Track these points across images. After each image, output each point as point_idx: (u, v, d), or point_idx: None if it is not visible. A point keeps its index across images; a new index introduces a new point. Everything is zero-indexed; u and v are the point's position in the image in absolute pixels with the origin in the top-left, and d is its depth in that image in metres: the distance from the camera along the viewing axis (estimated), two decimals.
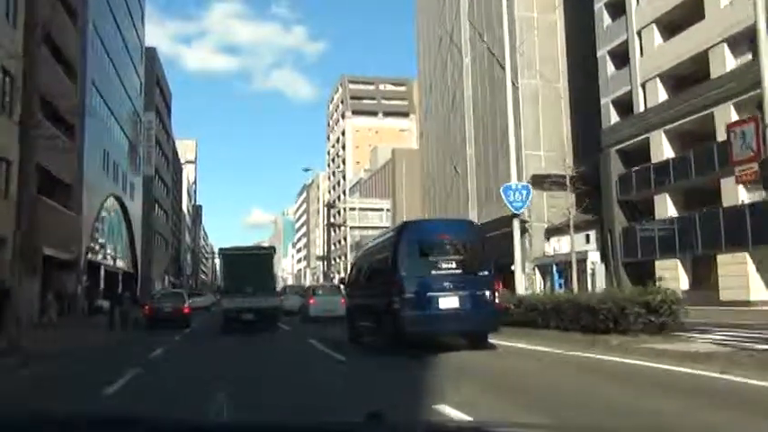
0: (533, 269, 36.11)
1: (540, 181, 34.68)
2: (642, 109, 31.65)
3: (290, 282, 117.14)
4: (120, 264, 44.25)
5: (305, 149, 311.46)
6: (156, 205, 62.22)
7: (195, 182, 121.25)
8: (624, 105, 33.28)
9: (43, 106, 25.73)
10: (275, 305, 20.60)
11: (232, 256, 20.83)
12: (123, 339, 18.70)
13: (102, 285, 37.44)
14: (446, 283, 10.91)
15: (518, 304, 15.01)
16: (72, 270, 28.63)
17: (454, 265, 11.14)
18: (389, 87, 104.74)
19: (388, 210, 39.43)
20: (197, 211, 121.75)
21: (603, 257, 32.39)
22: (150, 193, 57.72)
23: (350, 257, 40.11)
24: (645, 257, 29.91)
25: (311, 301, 25.70)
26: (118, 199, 43.58)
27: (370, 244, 14.60)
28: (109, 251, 41.14)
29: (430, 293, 10.76)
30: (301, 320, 25.44)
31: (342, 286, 21.58)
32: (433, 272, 10.97)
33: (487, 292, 11.10)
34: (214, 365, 11.18)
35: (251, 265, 19.87)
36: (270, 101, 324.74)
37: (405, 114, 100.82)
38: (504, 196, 18.85)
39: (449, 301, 10.83)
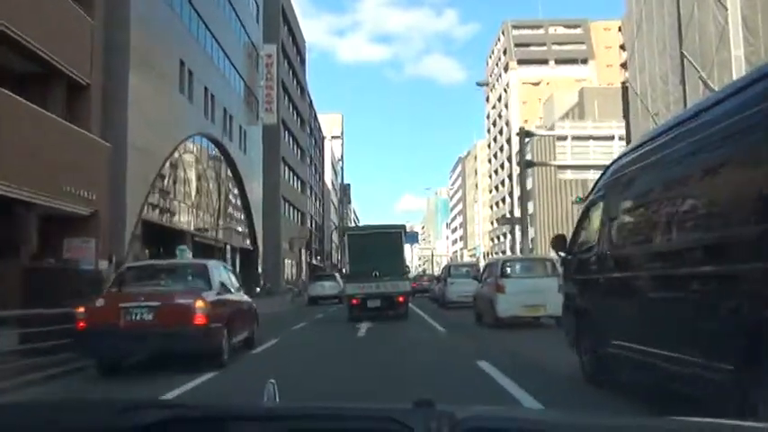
0: None
1: None
2: None
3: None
4: (222, 234, 32.60)
5: (456, 132, 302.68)
6: (285, 167, 50.94)
7: (342, 158, 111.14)
8: None
9: None
10: (405, 291, 17.66)
11: (357, 236, 19.03)
12: None
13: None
14: None
15: None
16: (88, 233, 16.55)
17: None
18: (561, 31, 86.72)
19: (620, 137, 24.18)
20: (344, 189, 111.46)
21: None
22: (275, 149, 46.44)
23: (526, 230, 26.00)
24: None
25: (500, 291, 13.52)
26: (216, 143, 32.00)
27: (663, 139, 4.73)
28: (198, 214, 29.65)
29: None
30: (481, 322, 14.70)
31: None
32: None
33: None
34: None
35: (378, 245, 17.30)
36: (420, 86, 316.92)
37: (583, 61, 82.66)
38: None
39: None
